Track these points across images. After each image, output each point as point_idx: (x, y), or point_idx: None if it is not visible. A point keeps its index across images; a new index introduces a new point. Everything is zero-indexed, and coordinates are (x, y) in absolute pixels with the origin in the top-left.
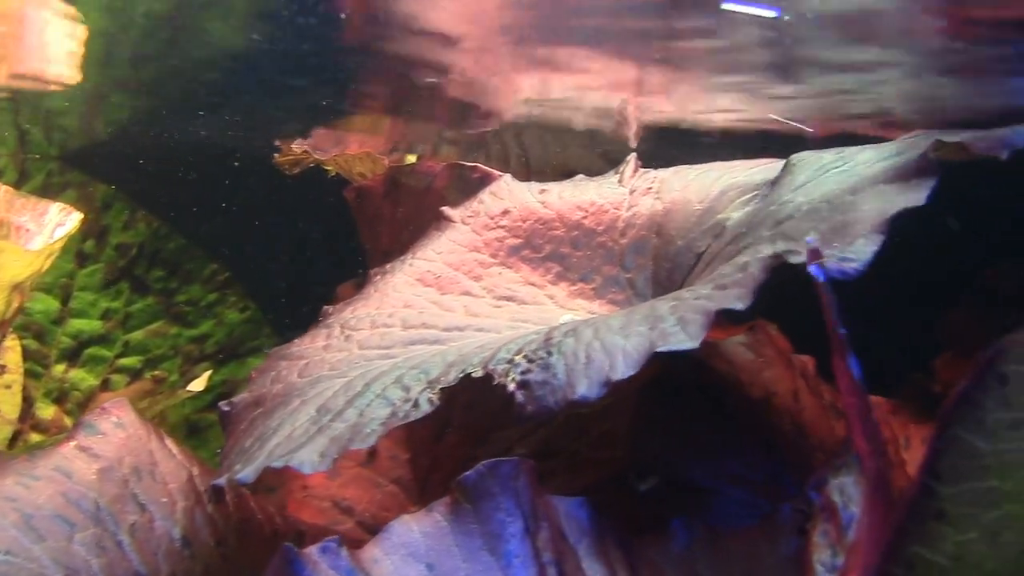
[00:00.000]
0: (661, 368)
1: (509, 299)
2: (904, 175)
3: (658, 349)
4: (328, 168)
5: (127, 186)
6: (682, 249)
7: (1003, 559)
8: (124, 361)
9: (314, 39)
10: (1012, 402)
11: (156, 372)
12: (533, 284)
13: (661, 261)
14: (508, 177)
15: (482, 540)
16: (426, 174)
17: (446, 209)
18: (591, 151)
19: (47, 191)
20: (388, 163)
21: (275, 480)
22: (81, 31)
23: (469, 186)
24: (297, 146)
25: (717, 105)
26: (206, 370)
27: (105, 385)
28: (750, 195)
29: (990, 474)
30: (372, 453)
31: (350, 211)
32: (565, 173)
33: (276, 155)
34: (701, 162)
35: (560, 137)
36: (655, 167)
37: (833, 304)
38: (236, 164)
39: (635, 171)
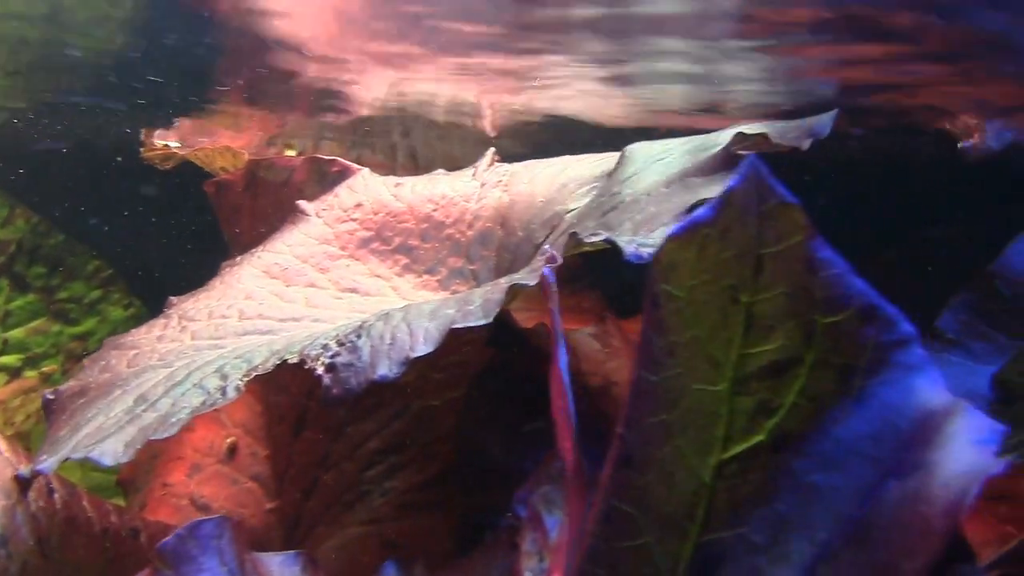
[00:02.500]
0: (499, 359)
1: (353, 291)
2: (709, 168)
3: (456, 325)
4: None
5: (4, 182)
6: (523, 240)
7: (677, 501)
8: (3, 359)
9: (180, 37)
10: (666, 326)
11: (44, 369)
12: (379, 276)
13: (504, 252)
14: (366, 171)
15: None
16: (285, 168)
17: (301, 203)
18: (477, 145)
19: None
20: (248, 157)
21: (142, 479)
22: None
23: (327, 180)
24: (159, 139)
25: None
26: None
27: None
28: (589, 186)
29: (660, 407)
30: (232, 450)
31: None
32: (455, 168)
33: (142, 150)
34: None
35: (449, 132)
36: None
37: (556, 306)
38: (119, 159)
39: (490, 165)
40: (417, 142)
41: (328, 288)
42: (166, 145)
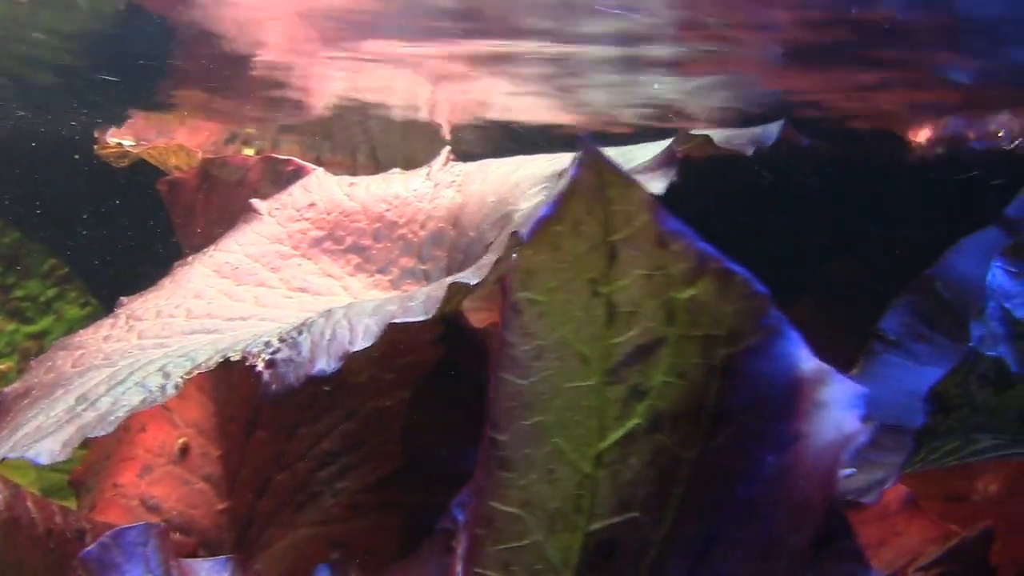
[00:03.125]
0: (447, 359)
1: (303, 290)
2: (652, 167)
3: (396, 320)
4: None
5: None
6: (474, 240)
7: (562, 496)
8: None
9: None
10: (530, 331)
11: (1, 367)
12: (331, 276)
13: (455, 253)
14: (320, 171)
15: None
16: (239, 167)
17: (255, 201)
18: (437, 144)
19: None
20: (202, 156)
21: (93, 480)
22: None
23: (282, 179)
24: (112, 137)
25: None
26: None
27: None
28: (541, 186)
29: (534, 410)
30: (184, 450)
31: None
32: (415, 167)
33: (95, 147)
34: None
35: (408, 130)
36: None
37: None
38: (76, 158)
39: (444, 164)
40: (377, 141)
41: (278, 287)
42: (119, 143)
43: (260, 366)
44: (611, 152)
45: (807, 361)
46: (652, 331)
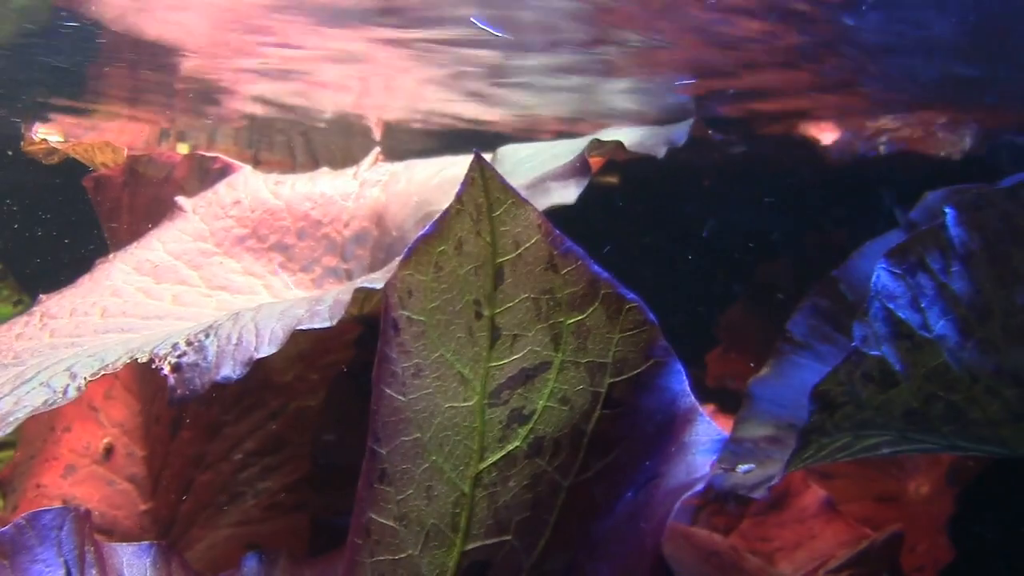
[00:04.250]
0: (360, 360)
1: (224, 289)
2: (567, 173)
3: (302, 327)
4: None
5: None
6: (397, 240)
7: (439, 513)
8: None
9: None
10: (409, 349)
11: None
12: (253, 274)
13: (377, 252)
14: (248, 169)
15: None
16: (165, 164)
17: (180, 199)
18: (372, 144)
19: None
20: (128, 153)
21: (18, 480)
22: None
23: (209, 177)
24: (37, 133)
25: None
26: None
27: None
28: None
29: (412, 426)
30: (109, 450)
31: None
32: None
33: (22, 144)
34: None
35: (344, 129)
36: None
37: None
38: (9, 153)
39: (372, 164)
40: (316, 140)
41: (199, 286)
42: (44, 140)
43: (166, 370)
44: (527, 150)
45: (684, 398)
46: (537, 355)
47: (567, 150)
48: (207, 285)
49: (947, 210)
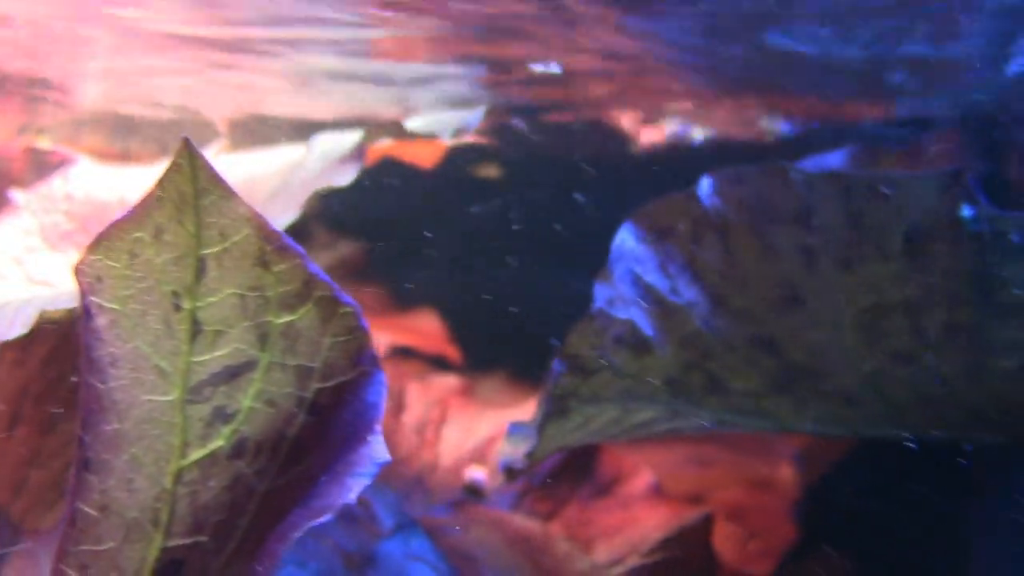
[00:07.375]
0: None
1: (44, 283)
2: (349, 158)
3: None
4: None
5: None
6: None
7: (140, 507)
8: None
9: None
10: (103, 337)
11: None
12: None
13: None
14: (85, 162)
15: None
16: (2, 158)
17: (12, 193)
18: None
19: None
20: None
21: None
22: None
23: (47, 170)
24: None
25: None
26: None
27: None
28: (278, 179)
29: (111, 415)
30: None
31: None
32: None
33: None
34: None
35: (185, 126)
36: None
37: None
38: None
39: (215, 156)
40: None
41: (20, 283)
42: None
43: None
44: (333, 138)
45: (376, 412)
46: (242, 353)
47: (354, 139)
48: (28, 281)
49: (702, 180)
